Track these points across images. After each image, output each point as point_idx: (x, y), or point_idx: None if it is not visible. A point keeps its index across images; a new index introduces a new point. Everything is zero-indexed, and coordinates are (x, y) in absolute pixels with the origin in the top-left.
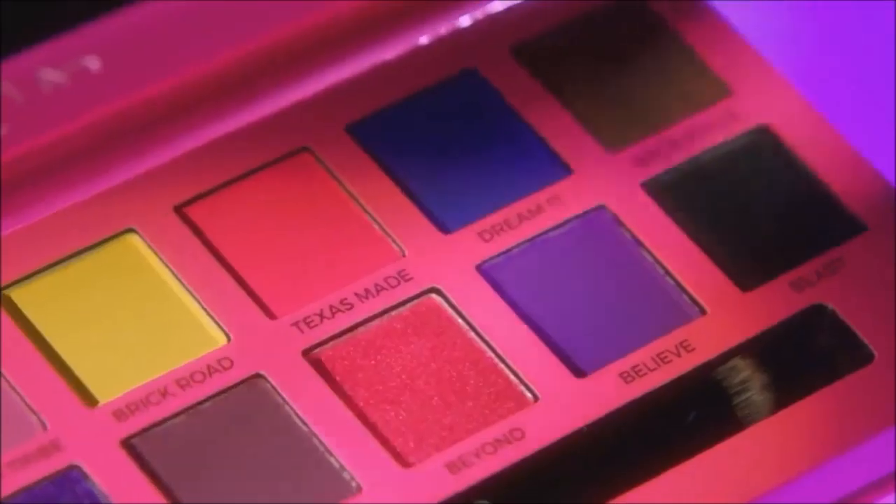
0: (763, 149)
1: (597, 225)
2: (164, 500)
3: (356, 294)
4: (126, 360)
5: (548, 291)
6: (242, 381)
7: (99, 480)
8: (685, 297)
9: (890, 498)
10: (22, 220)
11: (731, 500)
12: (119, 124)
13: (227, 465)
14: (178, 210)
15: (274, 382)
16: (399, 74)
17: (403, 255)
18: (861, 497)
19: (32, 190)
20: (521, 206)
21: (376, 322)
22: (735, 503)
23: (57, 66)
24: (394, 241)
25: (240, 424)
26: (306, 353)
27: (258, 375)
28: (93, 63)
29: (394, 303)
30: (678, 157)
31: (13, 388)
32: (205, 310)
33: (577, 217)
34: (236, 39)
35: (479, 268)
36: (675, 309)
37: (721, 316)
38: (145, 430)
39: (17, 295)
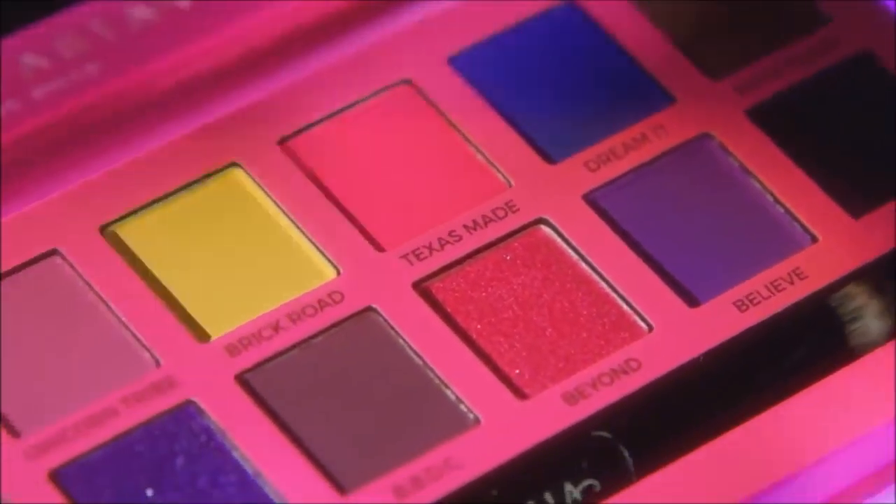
0: (865, 75)
1: (703, 153)
2: (280, 434)
3: (464, 226)
4: (236, 294)
5: (656, 220)
6: (354, 315)
7: (215, 416)
8: (796, 224)
9: None
10: (125, 156)
11: (848, 433)
12: (214, 60)
13: (342, 398)
14: (282, 143)
15: (386, 315)
16: (499, 6)
17: (510, 186)
18: None
19: (134, 126)
20: (626, 135)
21: (485, 253)
22: (849, 437)
23: (147, 3)
24: (499, 172)
25: (353, 358)
26: (417, 285)
27: (370, 308)
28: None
29: (502, 234)
30: (780, 85)
31: (125, 325)
32: (313, 243)
33: (682, 145)
34: None
35: (586, 198)
36: (787, 236)
37: (833, 243)
38: (259, 364)
39: (124, 230)
